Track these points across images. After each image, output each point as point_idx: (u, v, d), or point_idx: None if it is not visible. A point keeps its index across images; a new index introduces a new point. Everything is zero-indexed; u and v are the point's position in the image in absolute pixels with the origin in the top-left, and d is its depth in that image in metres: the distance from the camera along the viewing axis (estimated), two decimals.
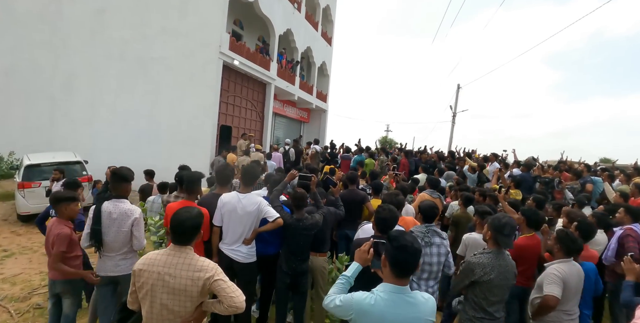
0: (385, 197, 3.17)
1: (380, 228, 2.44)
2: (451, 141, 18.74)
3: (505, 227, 2.31)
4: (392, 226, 2.41)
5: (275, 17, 12.54)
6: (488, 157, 8.14)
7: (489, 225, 2.41)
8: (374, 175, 5.32)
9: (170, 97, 10.59)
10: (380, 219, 2.44)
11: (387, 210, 2.43)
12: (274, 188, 3.33)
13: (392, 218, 2.43)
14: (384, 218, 2.42)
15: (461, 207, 4.53)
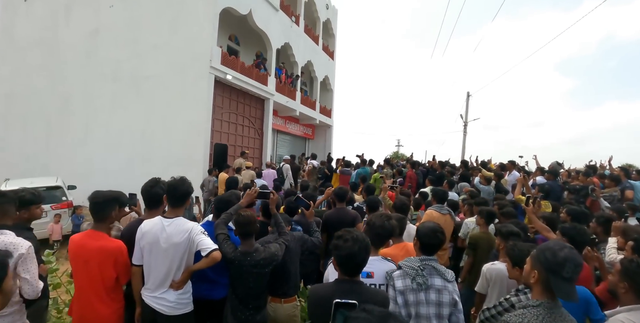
0: (370, 220, 2.28)
1: (343, 269, 1.63)
2: (464, 152, 17.75)
3: (566, 264, 1.36)
4: (360, 266, 1.61)
5: (271, 30, 12.12)
6: (505, 165, 7.19)
7: (536, 261, 1.47)
8: (369, 189, 4.48)
9: (163, 115, 10.09)
10: (341, 257, 1.66)
11: (351, 241, 1.62)
12: (225, 212, 2.53)
13: (360, 254, 1.65)
14: (347, 256, 1.64)
15: (482, 225, 3.62)
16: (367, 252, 1.68)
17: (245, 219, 2.20)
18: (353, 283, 1.70)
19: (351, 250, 1.62)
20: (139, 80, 10.60)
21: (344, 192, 3.76)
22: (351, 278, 1.71)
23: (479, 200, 4.17)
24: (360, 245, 1.63)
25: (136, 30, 10.87)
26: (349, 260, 1.65)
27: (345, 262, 1.67)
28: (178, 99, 9.89)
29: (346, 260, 1.66)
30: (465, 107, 17.41)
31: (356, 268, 1.70)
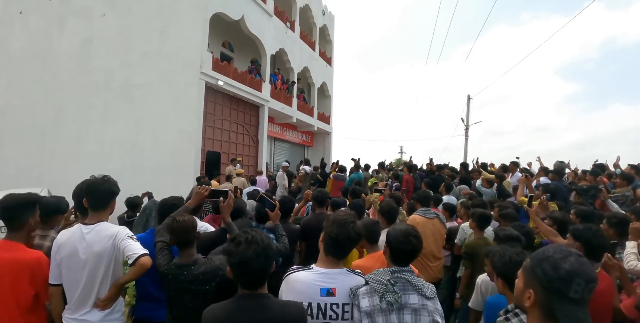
0: (326, 226, 1.74)
1: (240, 281, 1.39)
2: (466, 156, 17.26)
3: (574, 280, 0.95)
4: (259, 275, 1.38)
5: (265, 36, 11.93)
6: (507, 166, 6.78)
7: (530, 275, 1.05)
8: (355, 193, 4.10)
9: (153, 124, 9.84)
10: (233, 265, 1.36)
11: (244, 244, 1.32)
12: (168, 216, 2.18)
13: (256, 260, 1.33)
14: (239, 264, 1.34)
15: (475, 229, 3.22)
16: (268, 257, 1.33)
17: (180, 225, 1.84)
18: (255, 298, 1.35)
19: (243, 255, 1.28)
20: (130, 89, 10.40)
21: (323, 196, 3.40)
22: (252, 292, 1.35)
23: (475, 201, 3.76)
24: (256, 248, 1.29)
25: (127, 38, 10.72)
26: (244, 268, 1.30)
27: (240, 272, 1.33)
28: (168, 107, 9.64)
29: (240, 268, 1.31)
30: (467, 110, 17.05)
31: (256, 279, 1.35)
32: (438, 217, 3.63)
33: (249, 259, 1.28)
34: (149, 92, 10.04)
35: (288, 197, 3.34)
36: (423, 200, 3.86)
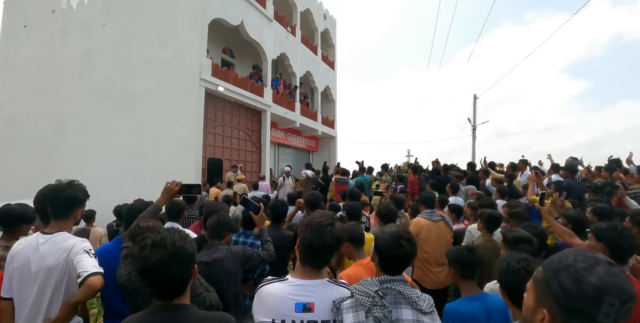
0: (299, 231, 1.48)
1: (153, 291, 1.15)
2: (474, 157, 16.84)
3: (604, 299, 0.67)
4: (170, 283, 1.14)
5: (265, 41, 11.84)
6: (517, 164, 6.47)
7: (543, 291, 0.77)
8: (353, 195, 3.86)
9: (153, 132, 9.74)
10: (139, 273, 1.14)
11: (149, 248, 1.09)
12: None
13: (165, 266, 1.10)
14: (142, 272, 1.11)
15: (483, 231, 2.95)
16: (181, 262, 1.09)
17: (142, 232, 1.62)
18: (168, 310, 1.12)
19: (147, 261, 1.04)
20: (130, 97, 10.35)
21: (315, 199, 3.17)
22: (165, 304, 1.12)
23: (483, 201, 3.49)
24: (163, 252, 1.06)
25: (127, 47, 10.71)
26: (148, 276, 1.07)
27: (146, 280, 1.10)
28: (168, 114, 9.55)
29: (144, 276, 1.08)
30: (473, 110, 16.70)
31: (166, 288, 1.11)
32: (444, 220, 3.37)
33: (153, 265, 1.05)
34: (148, 99, 9.97)
35: (280, 201, 3.12)
36: (427, 201, 3.60)
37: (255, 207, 2.47)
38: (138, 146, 9.98)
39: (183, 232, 1.18)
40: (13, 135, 13.74)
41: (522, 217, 3.01)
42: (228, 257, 1.96)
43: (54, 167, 12.15)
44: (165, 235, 1.11)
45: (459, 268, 1.91)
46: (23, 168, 13.22)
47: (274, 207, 3.00)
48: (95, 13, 11.77)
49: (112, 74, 10.88)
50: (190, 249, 1.12)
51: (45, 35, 13.33)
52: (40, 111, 12.89)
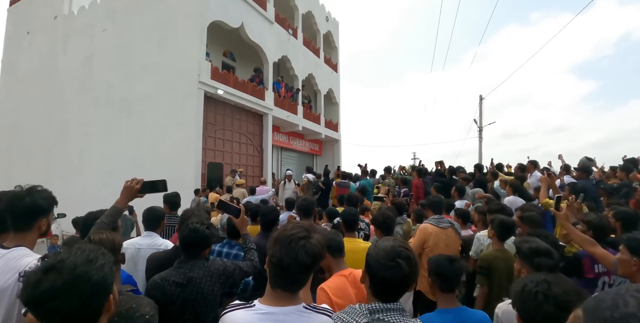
0: (273, 240, 1.20)
1: None
2: (481, 159, 16.42)
3: None
4: (59, 316, 0.82)
5: (266, 43, 11.68)
6: (525, 166, 6.16)
7: None
8: (350, 200, 3.60)
9: (153, 137, 9.60)
10: None
11: (40, 273, 0.83)
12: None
13: (55, 298, 0.81)
14: (28, 301, 0.82)
15: (494, 239, 2.68)
16: (80, 292, 0.82)
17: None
18: None
19: (34, 290, 0.79)
20: (130, 102, 10.24)
21: (308, 205, 2.94)
22: None
23: (493, 206, 3.20)
24: (57, 278, 0.80)
25: (127, 52, 10.62)
26: (38, 309, 0.81)
27: (36, 314, 0.83)
28: (167, 119, 9.40)
29: (33, 309, 0.81)
30: (479, 111, 16.30)
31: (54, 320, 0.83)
32: (453, 227, 3.09)
33: (42, 296, 0.79)
34: (148, 104, 9.84)
35: (271, 207, 2.88)
36: (435, 206, 3.29)
37: (236, 210, 2.24)
38: (138, 152, 9.84)
39: (98, 250, 0.92)
40: (16, 141, 13.76)
41: (535, 221, 2.74)
42: (206, 277, 1.72)
43: (56, 173, 12.10)
44: (65, 257, 0.85)
45: (437, 280, 1.74)
46: (26, 174, 13.17)
47: (264, 213, 2.77)
48: (96, 18, 11.73)
49: (113, 79, 10.80)
50: (98, 276, 0.85)
51: (47, 41, 13.35)
52: (42, 117, 12.87)
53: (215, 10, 9.65)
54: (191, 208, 2.10)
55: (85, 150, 11.21)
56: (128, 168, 9.97)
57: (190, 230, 1.79)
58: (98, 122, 10.99)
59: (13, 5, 15.54)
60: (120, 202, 1.87)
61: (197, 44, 9.20)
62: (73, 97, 11.96)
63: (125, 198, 1.89)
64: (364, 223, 3.50)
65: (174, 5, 9.78)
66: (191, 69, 9.14)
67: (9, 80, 14.71)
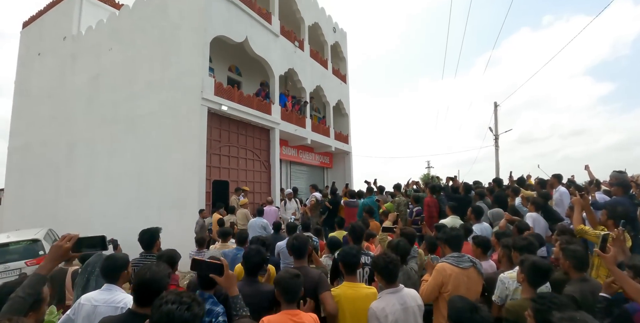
0: None
1: None
2: (498, 168, 15.71)
3: None
4: None
5: (272, 57, 11.48)
6: (545, 181, 5.62)
7: None
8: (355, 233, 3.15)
9: (157, 156, 9.40)
10: None
11: None
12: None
13: None
14: None
15: (524, 285, 2.22)
16: None
17: None
18: None
19: None
20: (135, 120, 10.10)
21: (299, 245, 2.52)
22: None
23: (519, 241, 2.68)
24: None
25: (131, 70, 10.56)
26: None
27: None
28: (171, 137, 9.19)
29: None
30: (494, 119, 15.64)
31: None
32: (475, 266, 2.63)
33: None
34: (152, 122, 9.68)
35: (255, 249, 2.45)
36: (453, 242, 2.77)
37: (216, 268, 1.86)
38: (143, 171, 9.65)
39: None
40: (28, 162, 13.83)
41: (579, 259, 2.29)
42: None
43: (64, 193, 12.04)
44: None
45: None
46: (36, 194, 13.20)
47: (247, 256, 2.38)
48: (102, 37, 11.78)
49: (118, 97, 10.73)
50: None
51: (57, 62, 13.50)
52: (52, 137, 12.92)
53: (218, 25, 9.50)
54: (148, 265, 1.70)
55: (92, 170, 11.10)
56: (133, 189, 9.80)
57: (163, 314, 1.34)
58: (104, 141, 10.90)
59: (26, 27, 15.89)
60: (44, 267, 1.52)
61: (199, 60, 9.03)
62: (81, 116, 11.95)
63: (52, 261, 1.53)
64: (368, 257, 3.08)
65: (176, 22, 9.68)
66: (194, 85, 8.95)
67: (22, 102, 14.92)
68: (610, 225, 3.09)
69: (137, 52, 10.50)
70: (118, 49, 11.17)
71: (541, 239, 3.71)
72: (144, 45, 10.36)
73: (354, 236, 3.14)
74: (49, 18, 14.63)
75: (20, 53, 15.75)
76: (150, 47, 10.19)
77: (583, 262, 2.35)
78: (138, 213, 9.51)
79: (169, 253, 2.80)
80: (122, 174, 10.13)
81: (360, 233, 3.15)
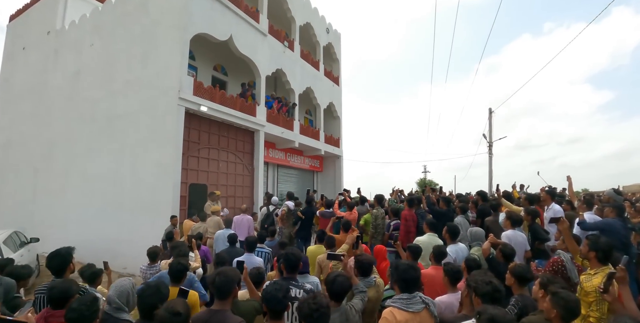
0: None
1: None
2: (491, 176, 15.22)
3: None
4: None
5: (258, 57, 11.09)
6: (534, 197, 5.19)
7: None
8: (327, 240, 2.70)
9: (133, 157, 9.00)
10: None
11: None
12: None
13: None
14: None
15: None
16: None
17: None
18: None
19: None
20: (113, 120, 9.70)
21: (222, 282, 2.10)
22: None
23: (482, 287, 2.25)
24: None
25: (111, 67, 10.16)
26: None
27: None
28: (147, 138, 8.79)
29: None
30: (489, 125, 15.20)
31: None
32: (427, 308, 2.24)
33: None
34: (129, 122, 9.28)
35: (154, 286, 2.00)
36: (404, 284, 2.31)
37: None
38: (118, 172, 9.25)
39: None
40: (9, 158, 13.43)
41: (574, 313, 1.91)
42: None
43: (42, 193, 11.64)
44: None
45: None
46: (15, 193, 12.80)
47: (141, 295, 1.97)
48: (84, 33, 11.39)
49: (97, 95, 10.33)
50: None
51: (40, 57, 13.10)
52: (32, 134, 12.52)
53: (200, 22, 9.10)
54: None
55: (70, 170, 10.70)
56: (108, 190, 9.40)
57: None
58: (82, 140, 10.50)
59: (12, 20, 15.49)
60: None
61: (178, 58, 8.63)
62: (61, 113, 11.56)
63: None
64: (302, 291, 2.66)
65: (157, 18, 9.29)
66: (171, 84, 8.54)
67: (5, 97, 14.51)
68: (592, 258, 2.69)
69: (118, 49, 10.11)
70: (99, 45, 10.78)
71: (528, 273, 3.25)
72: (125, 41, 9.96)
73: (287, 266, 2.71)
74: (35, 12, 14.23)
75: (6, 47, 15.35)
76: (130, 43, 9.79)
77: (575, 314, 1.96)
78: (113, 217, 9.12)
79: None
80: (98, 175, 9.73)
81: (295, 264, 2.71)
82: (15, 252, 7.08)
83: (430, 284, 3.21)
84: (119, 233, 8.85)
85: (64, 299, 2.14)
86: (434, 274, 3.25)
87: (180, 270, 2.71)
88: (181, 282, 2.77)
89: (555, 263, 3.18)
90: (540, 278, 2.41)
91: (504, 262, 3.29)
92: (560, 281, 2.38)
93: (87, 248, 9.49)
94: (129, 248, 8.16)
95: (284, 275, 2.78)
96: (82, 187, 10.16)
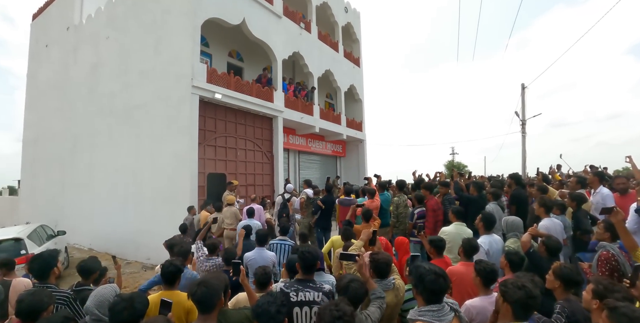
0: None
1: None
2: (524, 157, 14.16)
3: None
4: None
5: (273, 40, 10.65)
6: (584, 179, 4.54)
7: None
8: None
9: (151, 147, 8.92)
10: None
11: None
12: None
13: None
14: None
15: None
16: None
17: None
18: None
19: None
20: (130, 111, 9.64)
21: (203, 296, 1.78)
22: None
23: (514, 293, 1.80)
24: None
25: (126, 58, 10.05)
26: None
27: None
28: (163, 128, 8.66)
29: None
30: (522, 103, 14.06)
31: None
32: (457, 315, 1.84)
33: None
34: (146, 113, 9.17)
35: (127, 299, 1.71)
36: (432, 296, 1.86)
37: None
38: (137, 163, 9.22)
39: None
40: (39, 155, 13.85)
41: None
42: None
43: (70, 186, 11.92)
44: None
45: None
46: (47, 187, 13.21)
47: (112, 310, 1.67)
48: (100, 26, 11.34)
49: (115, 87, 10.29)
50: None
51: (61, 53, 13.26)
52: (58, 130, 12.78)
53: (210, 7, 8.75)
54: None
55: (94, 163, 10.84)
56: (129, 182, 9.42)
57: None
58: (103, 133, 10.56)
59: (35, 19, 15.76)
60: None
61: (189, 45, 8.34)
62: (82, 107, 11.67)
63: None
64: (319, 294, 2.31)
65: (167, 5, 9.01)
66: (184, 72, 8.30)
67: (33, 94, 14.91)
68: None
69: (131, 40, 9.96)
70: (114, 37, 10.68)
71: (578, 275, 2.74)
72: (137, 31, 9.79)
73: (303, 266, 2.37)
74: (54, 8, 14.37)
75: (31, 46, 15.68)
76: (143, 33, 9.60)
77: None
78: (134, 208, 9.16)
79: None
80: (119, 167, 9.77)
81: (312, 263, 2.36)
82: (41, 245, 7.17)
83: (459, 283, 2.79)
84: (141, 225, 8.88)
85: (34, 313, 1.90)
86: (464, 271, 2.82)
87: (172, 271, 2.43)
88: (175, 285, 2.49)
89: (608, 260, 2.66)
90: (594, 284, 1.93)
91: (548, 258, 2.80)
92: (621, 288, 1.89)
93: (112, 240, 9.67)
94: (151, 239, 8.14)
95: (300, 275, 2.45)
96: (106, 179, 10.26)
